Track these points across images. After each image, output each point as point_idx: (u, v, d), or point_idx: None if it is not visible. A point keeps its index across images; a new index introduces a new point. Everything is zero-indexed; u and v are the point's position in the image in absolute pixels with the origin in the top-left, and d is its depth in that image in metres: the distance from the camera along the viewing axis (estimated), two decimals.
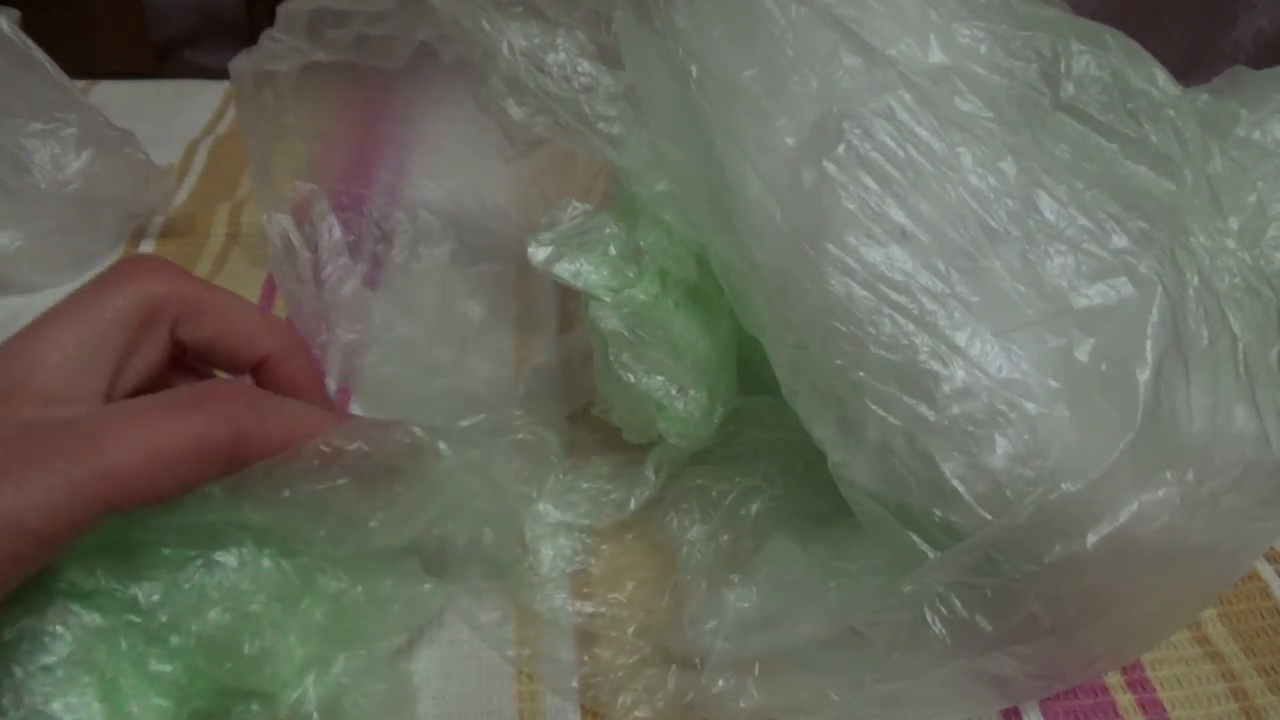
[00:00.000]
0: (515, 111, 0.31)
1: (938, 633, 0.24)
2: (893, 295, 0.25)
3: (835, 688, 0.26)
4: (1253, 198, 0.32)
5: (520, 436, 0.36)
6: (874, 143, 0.26)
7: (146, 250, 0.49)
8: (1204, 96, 0.37)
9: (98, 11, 0.97)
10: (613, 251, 0.31)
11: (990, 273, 0.25)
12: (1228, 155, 0.29)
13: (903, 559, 0.25)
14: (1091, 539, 0.23)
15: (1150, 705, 0.30)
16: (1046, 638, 0.25)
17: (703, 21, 0.27)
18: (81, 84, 0.60)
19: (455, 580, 0.31)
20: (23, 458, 0.21)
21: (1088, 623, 0.25)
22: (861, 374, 0.25)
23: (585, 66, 0.30)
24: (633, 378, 0.30)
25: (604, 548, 0.34)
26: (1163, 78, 0.28)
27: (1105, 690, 0.30)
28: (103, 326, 0.25)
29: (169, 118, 0.61)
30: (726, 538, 0.32)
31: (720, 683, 0.27)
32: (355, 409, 0.40)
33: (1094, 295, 0.25)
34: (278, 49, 0.38)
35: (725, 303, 0.31)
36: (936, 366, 0.24)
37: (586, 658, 0.30)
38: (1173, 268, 0.25)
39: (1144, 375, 0.24)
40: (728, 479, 0.33)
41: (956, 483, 0.24)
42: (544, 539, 0.33)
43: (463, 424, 0.37)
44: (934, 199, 0.26)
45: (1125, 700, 0.30)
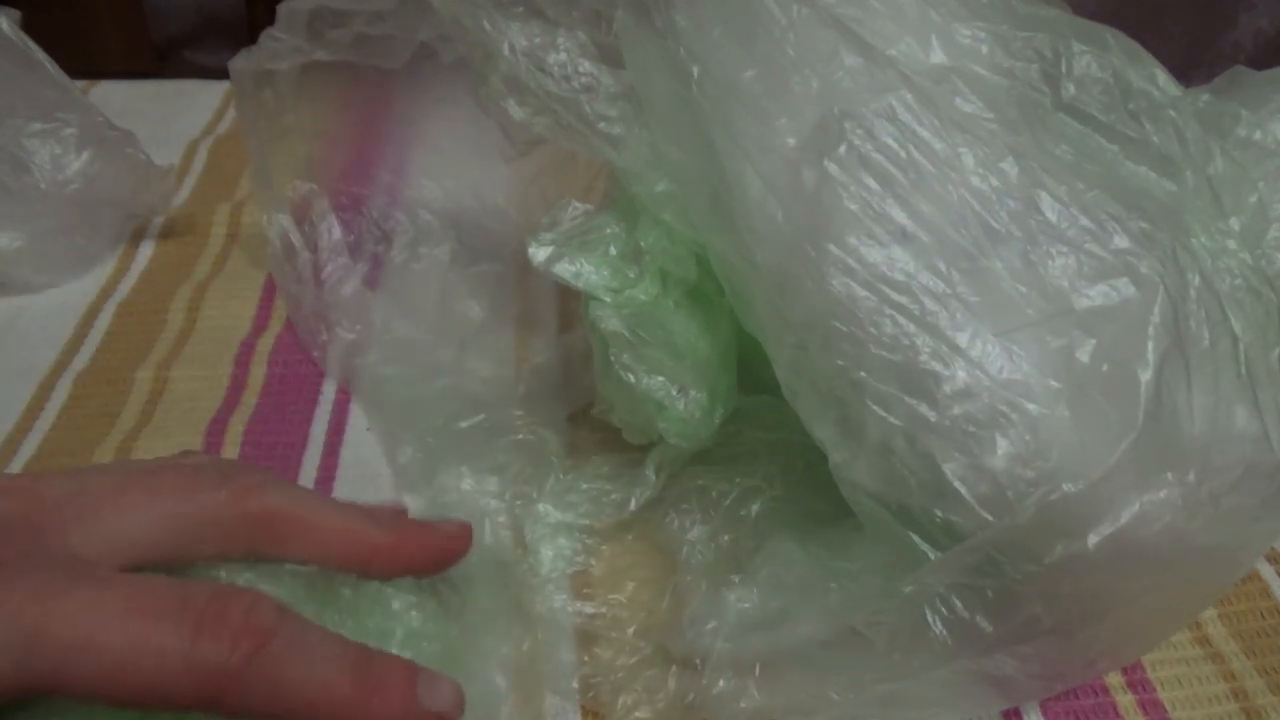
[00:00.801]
0: (515, 111, 0.31)
1: (938, 633, 0.24)
2: (894, 295, 0.25)
3: (836, 688, 0.26)
4: (1254, 198, 0.32)
5: (520, 436, 0.36)
6: (875, 143, 0.26)
7: (146, 251, 0.49)
8: (1205, 97, 0.37)
9: (98, 11, 0.97)
10: (613, 252, 0.31)
11: (991, 273, 0.25)
12: (1229, 156, 0.29)
13: (903, 559, 0.25)
14: (1093, 540, 0.23)
15: (1151, 706, 0.30)
16: (1047, 638, 0.25)
17: (703, 21, 0.27)
18: (82, 84, 0.60)
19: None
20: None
21: (1089, 623, 0.25)
22: (862, 374, 0.25)
23: (586, 66, 0.30)
24: (633, 378, 0.30)
25: (604, 548, 0.34)
26: (1164, 78, 0.28)
27: (1106, 690, 0.30)
28: (181, 540, 0.23)
29: (169, 118, 0.61)
30: (727, 538, 0.32)
31: (721, 683, 0.27)
32: (355, 409, 0.40)
33: (1095, 296, 0.25)
34: (277, 48, 0.38)
35: (725, 303, 0.31)
36: (937, 367, 0.24)
37: (587, 658, 0.30)
38: (1174, 268, 0.25)
39: (1145, 376, 0.24)
40: (728, 479, 0.33)
41: (957, 483, 0.24)
42: (544, 539, 0.33)
43: (463, 424, 0.37)
44: (935, 199, 0.26)
45: (1126, 700, 0.30)
